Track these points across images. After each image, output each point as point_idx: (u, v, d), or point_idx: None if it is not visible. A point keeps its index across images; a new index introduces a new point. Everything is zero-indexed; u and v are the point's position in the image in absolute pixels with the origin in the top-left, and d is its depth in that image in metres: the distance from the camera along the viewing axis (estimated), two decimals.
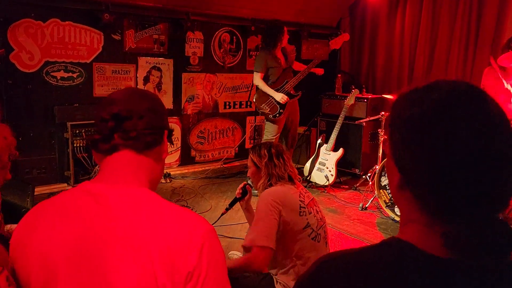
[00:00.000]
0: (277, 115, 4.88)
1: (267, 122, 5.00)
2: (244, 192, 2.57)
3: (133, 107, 1.01)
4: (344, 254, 0.74)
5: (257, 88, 4.96)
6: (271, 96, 4.81)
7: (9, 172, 1.55)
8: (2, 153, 1.45)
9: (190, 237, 0.90)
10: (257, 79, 4.85)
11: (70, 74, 4.66)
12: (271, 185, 2.29)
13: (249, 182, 2.64)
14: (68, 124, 4.50)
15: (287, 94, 4.87)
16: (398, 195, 0.74)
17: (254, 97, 5.01)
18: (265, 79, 4.95)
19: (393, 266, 0.68)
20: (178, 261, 0.88)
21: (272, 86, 4.88)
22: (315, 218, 2.25)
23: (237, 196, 2.58)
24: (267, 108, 4.90)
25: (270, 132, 4.96)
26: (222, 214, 2.77)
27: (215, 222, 3.29)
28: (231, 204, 2.65)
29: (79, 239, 0.93)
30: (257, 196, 2.54)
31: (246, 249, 2.22)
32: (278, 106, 4.85)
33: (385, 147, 0.81)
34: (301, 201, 2.23)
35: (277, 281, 2.24)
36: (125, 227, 0.91)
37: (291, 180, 2.31)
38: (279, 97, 4.77)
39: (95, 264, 0.90)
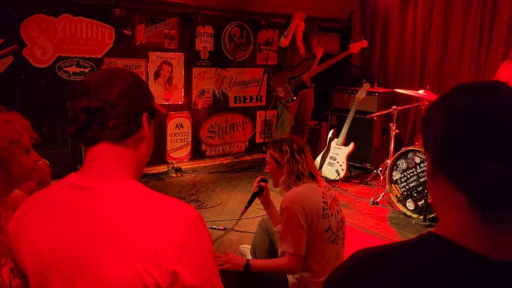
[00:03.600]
0: (290, 101, 5.16)
1: (281, 109, 5.30)
2: (261, 188, 2.51)
3: (104, 96, 0.96)
4: (381, 253, 0.73)
5: (276, 71, 5.34)
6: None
7: (35, 153, 1.57)
8: (20, 137, 1.47)
9: (172, 230, 0.89)
10: (281, 40, 5.13)
11: (82, 69, 4.70)
12: (292, 183, 2.23)
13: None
14: None
15: (302, 84, 5.13)
16: (432, 187, 0.76)
17: (272, 78, 5.30)
18: (284, 64, 5.30)
19: (434, 268, 0.67)
20: (163, 256, 0.87)
21: (290, 72, 5.21)
22: (336, 220, 2.22)
23: (255, 191, 2.52)
24: (282, 92, 5.18)
25: (284, 119, 5.24)
26: (243, 212, 2.73)
27: (237, 221, 3.26)
28: (250, 201, 2.61)
29: (70, 235, 0.93)
30: (274, 191, 2.53)
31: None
32: (292, 93, 5.13)
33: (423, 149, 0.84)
34: (324, 202, 2.18)
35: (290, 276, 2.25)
36: (113, 222, 0.91)
37: (312, 176, 2.26)
38: (294, 22, 5.05)
39: (88, 260, 0.90)
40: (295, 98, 5.17)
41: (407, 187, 4.18)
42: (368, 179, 5.13)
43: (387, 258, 0.71)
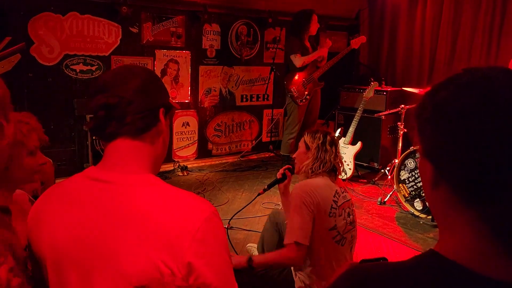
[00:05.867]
0: (304, 100, 5.15)
1: (291, 108, 5.24)
2: (284, 175, 2.50)
3: (121, 92, 0.99)
4: (381, 274, 0.66)
5: (288, 71, 5.23)
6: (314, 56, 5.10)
7: (42, 156, 1.56)
8: (26, 139, 1.46)
9: (189, 223, 0.91)
10: (297, 60, 5.06)
11: (89, 67, 4.70)
12: (313, 170, 2.22)
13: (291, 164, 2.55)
14: (87, 116, 4.54)
15: (314, 82, 5.21)
16: (432, 196, 0.67)
17: (285, 79, 5.25)
18: (293, 65, 5.19)
19: None
20: (179, 248, 0.88)
21: (300, 73, 5.17)
22: (344, 221, 2.18)
23: (278, 177, 2.51)
24: (296, 91, 5.17)
25: (294, 118, 5.22)
26: (259, 194, 2.71)
27: (250, 202, 3.35)
28: (270, 185, 2.59)
29: (88, 226, 0.94)
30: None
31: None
32: (305, 92, 5.11)
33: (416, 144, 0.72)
34: (334, 201, 2.15)
35: (296, 275, 2.22)
36: (132, 214, 0.92)
37: (333, 171, 2.25)
38: (322, 52, 5.09)
39: (105, 250, 0.92)
40: (308, 97, 5.17)
41: (415, 186, 4.14)
42: (376, 179, 5.09)
43: (387, 281, 0.65)
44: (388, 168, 4.82)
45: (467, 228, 0.61)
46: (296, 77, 5.18)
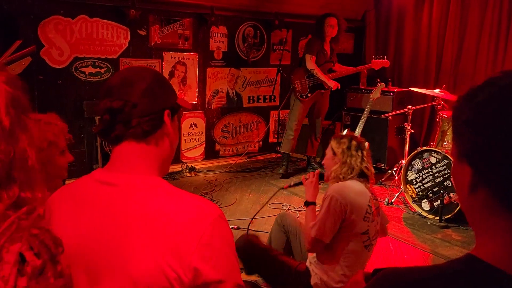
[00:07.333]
0: (304, 96, 5.17)
1: (293, 103, 5.28)
2: (321, 174, 2.46)
3: (126, 96, 0.99)
4: (419, 282, 0.63)
5: (299, 65, 5.29)
6: (323, 81, 5.09)
7: (70, 154, 1.63)
8: (58, 139, 1.53)
9: (195, 227, 0.90)
10: (310, 62, 5.10)
11: (98, 69, 4.76)
12: (342, 174, 2.22)
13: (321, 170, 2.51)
14: (97, 118, 4.60)
15: (320, 84, 5.20)
16: (469, 200, 0.65)
17: (293, 72, 5.32)
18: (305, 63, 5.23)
19: None
20: (186, 252, 0.88)
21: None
22: (375, 228, 2.20)
23: (302, 181, 2.51)
24: (299, 85, 5.20)
25: (293, 114, 5.24)
26: (283, 188, 2.78)
27: (274, 195, 3.38)
28: (295, 185, 2.67)
29: (96, 230, 0.95)
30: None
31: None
32: (308, 89, 5.16)
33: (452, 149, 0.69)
34: (369, 206, 2.16)
35: (313, 270, 2.23)
36: (138, 218, 0.92)
37: (363, 176, 2.24)
38: (332, 84, 5.07)
39: (112, 253, 0.92)
40: (309, 95, 5.18)
41: (422, 187, 4.14)
42: (383, 179, 5.09)
43: None
44: (395, 169, 4.82)
45: (510, 234, 0.59)
46: (304, 73, 5.19)
